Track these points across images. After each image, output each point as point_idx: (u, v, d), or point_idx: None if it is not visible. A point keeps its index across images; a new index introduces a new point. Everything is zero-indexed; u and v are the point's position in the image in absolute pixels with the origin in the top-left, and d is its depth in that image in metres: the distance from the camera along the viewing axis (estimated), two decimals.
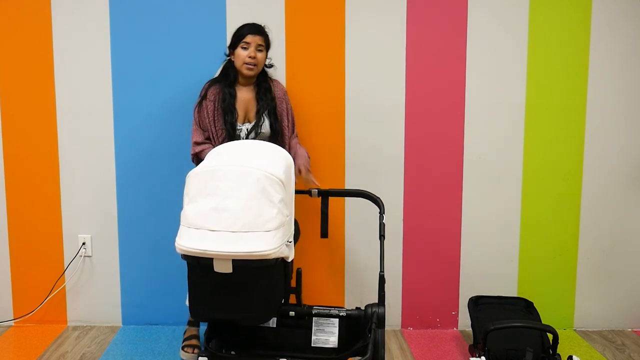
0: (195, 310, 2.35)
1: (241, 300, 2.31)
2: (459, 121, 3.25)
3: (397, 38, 3.21)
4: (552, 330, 2.72)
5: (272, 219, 2.16)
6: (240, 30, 2.85)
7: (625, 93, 3.24)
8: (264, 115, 2.88)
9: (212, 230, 2.13)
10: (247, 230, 2.13)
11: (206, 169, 2.22)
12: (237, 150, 2.43)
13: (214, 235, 2.12)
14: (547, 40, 3.20)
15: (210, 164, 2.27)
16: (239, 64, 2.83)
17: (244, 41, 2.80)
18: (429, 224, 3.29)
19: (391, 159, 3.26)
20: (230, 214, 2.13)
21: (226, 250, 2.11)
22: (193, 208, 2.17)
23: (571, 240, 3.32)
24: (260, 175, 2.18)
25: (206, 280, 2.25)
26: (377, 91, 3.23)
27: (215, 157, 2.36)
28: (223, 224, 2.13)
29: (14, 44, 3.21)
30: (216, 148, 2.48)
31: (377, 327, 2.44)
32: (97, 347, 3.11)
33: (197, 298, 2.31)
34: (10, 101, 3.25)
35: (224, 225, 2.13)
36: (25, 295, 3.34)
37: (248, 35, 2.81)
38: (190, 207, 2.18)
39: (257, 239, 2.13)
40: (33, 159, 3.27)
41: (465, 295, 3.29)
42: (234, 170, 2.20)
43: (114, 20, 3.19)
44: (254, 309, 2.33)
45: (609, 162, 3.27)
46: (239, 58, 2.82)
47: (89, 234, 3.31)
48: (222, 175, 2.19)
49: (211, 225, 2.13)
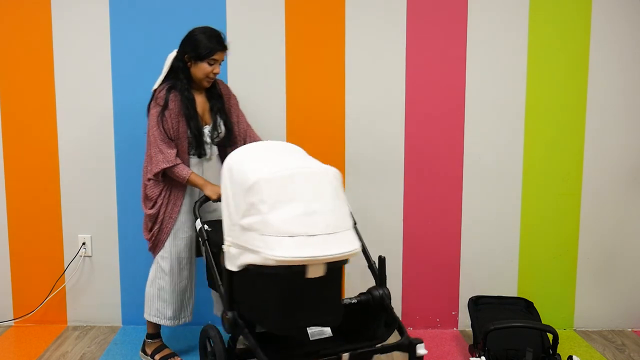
0: (279, 323, 2.23)
1: (323, 304, 2.28)
2: (459, 122, 3.25)
3: (397, 38, 3.21)
4: (552, 330, 2.72)
5: (349, 216, 2.22)
6: (207, 43, 2.67)
7: (626, 93, 3.24)
8: (218, 115, 2.84)
9: (309, 235, 2.08)
10: (337, 231, 2.13)
11: (278, 175, 2.12)
12: (279, 151, 2.40)
13: (312, 241, 2.08)
14: (547, 41, 3.20)
15: (274, 168, 2.15)
16: (200, 76, 2.72)
17: (212, 58, 2.69)
18: (429, 224, 3.29)
19: (391, 159, 3.26)
20: (321, 217, 2.11)
21: (326, 253, 2.08)
22: (279, 216, 2.07)
23: (571, 240, 3.32)
24: (331, 175, 2.20)
25: (293, 289, 2.18)
26: (377, 91, 3.23)
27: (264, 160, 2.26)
28: (318, 227, 2.09)
29: (14, 44, 3.21)
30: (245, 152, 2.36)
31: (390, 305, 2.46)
32: (97, 347, 3.11)
33: (282, 309, 2.20)
34: (10, 101, 3.25)
35: (319, 229, 2.09)
36: (25, 295, 3.34)
37: (218, 52, 2.70)
38: (275, 216, 2.07)
39: (346, 239, 2.15)
40: (33, 158, 3.28)
41: (465, 295, 3.29)
42: (306, 172, 2.17)
43: (114, 20, 3.19)
44: (333, 312, 2.31)
45: (609, 162, 3.27)
46: (202, 71, 2.70)
47: (89, 234, 3.32)
48: (299, 179, 2.14)
49: (307, 231, 2.08)
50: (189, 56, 2.70)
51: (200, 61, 2.69)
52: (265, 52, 3.21)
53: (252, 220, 2.10)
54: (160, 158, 2.68)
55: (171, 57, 2.77)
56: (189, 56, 2.70)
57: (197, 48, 2.68)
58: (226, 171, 2.30)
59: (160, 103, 2.69)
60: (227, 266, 2.28)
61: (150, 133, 2.71)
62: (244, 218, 2.13)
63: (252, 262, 2.12)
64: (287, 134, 3.25)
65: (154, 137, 2.69)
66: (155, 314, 2.86)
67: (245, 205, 2.13)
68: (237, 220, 2.17)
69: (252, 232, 2.11)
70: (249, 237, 2.12)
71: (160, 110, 2.68)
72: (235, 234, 2.20)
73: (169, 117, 2.68)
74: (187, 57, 2.71)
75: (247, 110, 3.24)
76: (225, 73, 3.21)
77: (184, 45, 2.73)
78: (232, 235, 2.22)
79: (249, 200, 2.11)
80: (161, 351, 2.92)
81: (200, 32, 2.71)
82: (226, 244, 2.26)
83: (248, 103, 3.23)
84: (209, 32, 2.72)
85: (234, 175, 2.23)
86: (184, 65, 2.73)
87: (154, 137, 2.70)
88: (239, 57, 3.21)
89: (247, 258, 2.15)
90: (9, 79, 3.23)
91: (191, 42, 2.70)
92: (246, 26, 3.20)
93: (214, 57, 2.70)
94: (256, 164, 2.23)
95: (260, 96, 3.23)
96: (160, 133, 2.68)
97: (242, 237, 2.15)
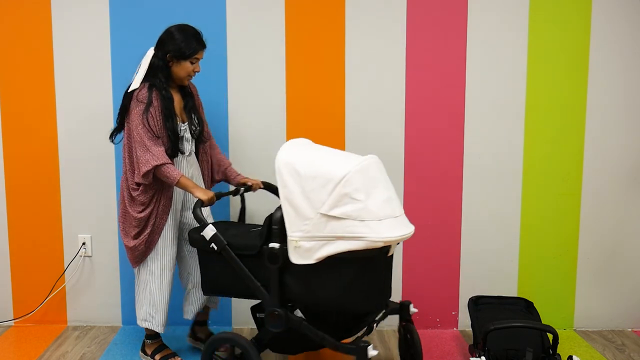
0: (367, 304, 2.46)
1: (387, 282, 2.54)
2: (459, 121, 3.25)
3: (397, 38, 3.21)
4: (552, 330, 2.71)
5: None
6: (188, 42, 2.70)
7: (626, 93, 3.24)
8: (192, 113, 2.84)
9: (394, 217, 2.36)
10: (402, 212, 2.44)
11: (360, 166, 2.34)
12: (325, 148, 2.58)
13: (397, 222, 2.36)
14: (547, 40, 3.20)
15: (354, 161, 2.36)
16: (183, 75, 2.73)
17: (195, 57, 2.72)
18: (428, 224, 3.28)
19: (391, 159, 3.25)
20: (395, 201, 2.41)
21: (407, 232, 2.37)
22: (373, 202, 2.31)
23: (571, 240, 3.32)
24: (381, 164, 2.46)
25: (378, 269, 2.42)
26: (377, 91, 3.23)
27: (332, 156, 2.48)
28: (396, 210, 2.38)
29: (14, 43, 3.21)
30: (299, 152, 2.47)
31: None
32: (97, 347, 3.11)
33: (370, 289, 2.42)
34: (10, 101, 3.25)
35: (397, 212, 2.39)
36: (25, 295, 3.34)
37: (200, 51, 2.73)
38: (372, 202, 2.31)
39: (406, 220, 2.44)
40: (33, 159, 3.28)
41: (465, 295, 3.29)
42: (372, 163, 2.41)
43: (114, 20, 3.19)
44: (389, 292, 2.59)
45: (609, 162, 3.27)
46: (184, 70, 2.72)
47: (89, 234, 3.32)
48: (372, 169, 2.39)
49: (392, 213, 2.36)
50: (171, 55, 2.70)
51: (184, 60, 2.70)
52: (265, 51, 3.21)
53: (348, 209, 2.29)
54: (148, 157, 2.63)
55: (148, 56, 2.74)
56: (172, 55, 2.70)
57: (181, 47, 2.68)
58: (287, 170, 2.39)
59: (144, 101, 2.66)
60: (297, 261, 2.37)
61: (135, 133, 2.65)
62: (334, 208, 2.30)
63: (346, 249, 2.30)
64: (287, 133, 3.25)
65: (140, 136, 2.64)
66: (144, 318, 2.83)
67: (333, 196, 2.30)
68: (317, 212, 2.32)
69: (347, 221, 2.29)
70: (342, 225, 2.30)
71: (144, 107, 2.65)
72: (310, 227, 2.33)
73: (153, 113, 2.66)
74: (169, 56, 2.70)
75: (247, 110, 3.25)
76: (225, 73, 3.21)
77: (165, 45, 2.71)
78: (304, 230, 2.34)
79: (342, 192, 2.29)
80: (161, 351, 2.92)
81: (181, 30, 2.71)
82: (294, 239, 2.36)
83: (248, 103, 3.24)
84: (190, 30, 2.73)
85: (304, 172, 2.36)
86: (164, 64, 2.72)
87: (139, 136, 2.64)
88: (239, 57, 3.21)
89: (337, 246, 2.31)
90: (9, 79, 3.24)
91: (173, 41, 2.69)
92: (246, 26, 3.20)
93: (196, 56, 2.72)
94: (330, 159, 2.44)
95: (260, 96, 3.23)
96: (146, 131, 2.64)
97: (327, 227, 2.31)
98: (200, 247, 2.65)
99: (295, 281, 2.44)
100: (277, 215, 2.43)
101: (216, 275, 2.65)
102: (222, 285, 2.67)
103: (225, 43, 3.20)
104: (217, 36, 3.18)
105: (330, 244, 2.32)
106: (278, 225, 2.42)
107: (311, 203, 2.33)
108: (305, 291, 2.44)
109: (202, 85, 2.99)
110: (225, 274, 2.59)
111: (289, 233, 2.38)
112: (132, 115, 2.67)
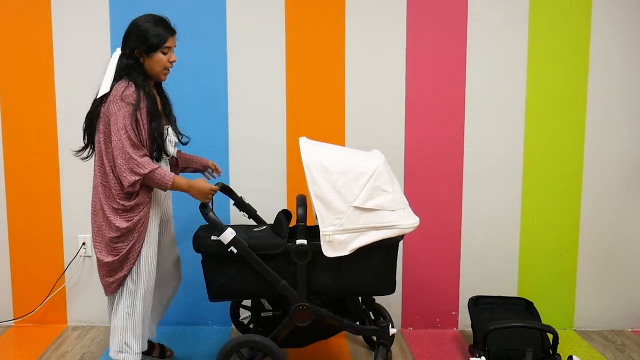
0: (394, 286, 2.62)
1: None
2: (459, 121, 3.25)
3: (398, 38, 3.21)
4: (552, 330, 2.72)
5: None
6: (155, 30, 2.46)
7: (626, 93, 3.24)
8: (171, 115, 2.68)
9: (407, 206, 2.58)
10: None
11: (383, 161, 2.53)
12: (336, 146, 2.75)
13: (409, 211, 2.57)
14: (547, 40, 3.20)
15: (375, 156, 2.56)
16: (158, 69, 2.50)
17: (166, 46, 2.48)
18: (428, 223, 3.28)
19: (391, 158, 3.24)
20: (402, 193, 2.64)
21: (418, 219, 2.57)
22: (396, 193, 2.52)
23: (571, 240, 3.32)
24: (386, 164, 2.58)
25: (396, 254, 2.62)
26: (377, 91, 3.23)
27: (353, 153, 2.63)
28: (406, 201, 2.60)
29: (14, 43, 3.21)
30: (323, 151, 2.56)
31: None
32: (97, 347, 3.11)
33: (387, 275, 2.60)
34: (10, 101, 3.25)
35: (407, 203, 2.61)
36: (25, 295, 3.34)
37: (169, 38, 2.49)
38: (396, 193, 2.52)
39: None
40: (33, 159, 3.28)
41: (465, 295, 3.29)
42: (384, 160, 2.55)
43: (114, 20, 3.19)
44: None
45: (609, 162, 3.27)
46: (159, 63, 2.49)
47: (89, 234, 3.31)
48: (386, 165, 2.54)
49: (405, 202, 2.58)
50: (139, 51, 2.47)
51: (154, 52, 2.47)
52: (265, 51, 3.21)
53: (380, 200, 2.47)
54: (132, 165, 2.39)
55: (116, 57, 2.51)
56: (140, 50, 2.47)
57: (146, 39, 2.45)
58: (317, 168, 2.47)
59: (132, 102, 2.41)
60: (331, 254, 2.47)
61: (117, 138, 2.40)
62: (368, 201, 2.46)
63: (381, 237, 2.47)
64: (287, 133, 3.25)
65: (121, 142, 2.39)
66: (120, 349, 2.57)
67: (367, 190, 2.45)
68: (350, 205, 2.45)
69: (380, 211, 2.47)
70: (375, 216, 2.47)
71: (133, 109, 2.41)
72: (344, 220, 2.45)
73: (140, 116, 2.43)
74: (137, 52, 2.47)
75: (247, 110, 3.25)
76: (225, 73, 3.21)
77: (130, 41, 2.48)
78: (337, 223, 2.45)
79: (374, 185, 2.46)
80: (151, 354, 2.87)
81: (144, 21, 2.49)
82: (327, 234, 2.45)
83: (248, 102, 3.24)
84: (152, 19, 2.50)
85: (334, 169, 2.47)
86: (136, 63, 2.48)
87: (120, 142, 2.39)
88: (239, 57, 3.21)
89: (372, 236, 2.47)
90: (9, 79, 3.24)
91: (137, 34, 2.46)
92: (246, 26, 3.20)
93: (167, 45, 2.49)
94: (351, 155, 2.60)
95: (260, 95, 3.23)
96: (134, 136, 2.41)
97: (361, 219, 2.46)
98: (210, 252, 2.55)
99: (322, 274, 2.53)
100: (301, 212, 2.52)
101: (227, 279, 2.55)
102: (233, 290, 2.59)
103: (225, 43, 3.20)
104: (217, 35, 3.18)
105: (364, 235, 2.47)
106: (302, 221, 2.51)
107: (343, 197, 2.45)
108: (332, 282, 2.54)
109: (201, 84, 2.99)
110: (239, 277, 2.54)
111: (322, 228, 2.46)
112: (117, 117, 2.40)
